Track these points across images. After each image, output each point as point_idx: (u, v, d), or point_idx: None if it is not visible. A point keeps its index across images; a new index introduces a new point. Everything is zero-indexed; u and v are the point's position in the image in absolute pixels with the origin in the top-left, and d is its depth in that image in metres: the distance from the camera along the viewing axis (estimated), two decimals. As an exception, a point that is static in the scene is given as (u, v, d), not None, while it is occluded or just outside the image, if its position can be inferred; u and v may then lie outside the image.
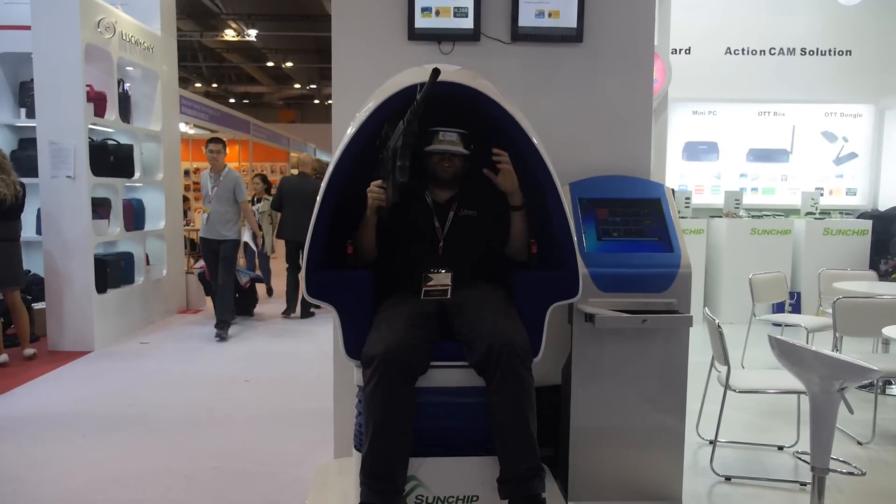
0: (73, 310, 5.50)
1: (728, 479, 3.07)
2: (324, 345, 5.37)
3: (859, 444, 3.51)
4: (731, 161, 7.56)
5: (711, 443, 3.21)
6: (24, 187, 5.01)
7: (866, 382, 3.92)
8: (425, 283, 2.22)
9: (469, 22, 2.84)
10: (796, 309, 6.52)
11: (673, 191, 2.92)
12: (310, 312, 6.91)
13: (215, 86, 21.80)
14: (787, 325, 4.93)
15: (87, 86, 5.59)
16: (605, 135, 2.92)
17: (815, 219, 7.05)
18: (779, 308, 5.70)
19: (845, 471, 3.15)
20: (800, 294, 6.75)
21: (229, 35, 16.33)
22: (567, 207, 2.15)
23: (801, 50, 7.50)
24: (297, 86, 22.59)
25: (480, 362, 2.02)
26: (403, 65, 2.53)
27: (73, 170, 5.43)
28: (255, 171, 12.70)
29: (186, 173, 8.70)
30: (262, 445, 3.48)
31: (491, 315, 2.10)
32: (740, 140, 7.54)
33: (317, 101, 24.43)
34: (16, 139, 6.05)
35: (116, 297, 5.94)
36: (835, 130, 7.55)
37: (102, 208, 5.90)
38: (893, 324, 3.46)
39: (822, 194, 7.41)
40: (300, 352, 5.54)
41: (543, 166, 2.12)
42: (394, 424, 1.99)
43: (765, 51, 7.50)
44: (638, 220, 2.72)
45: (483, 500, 2.11)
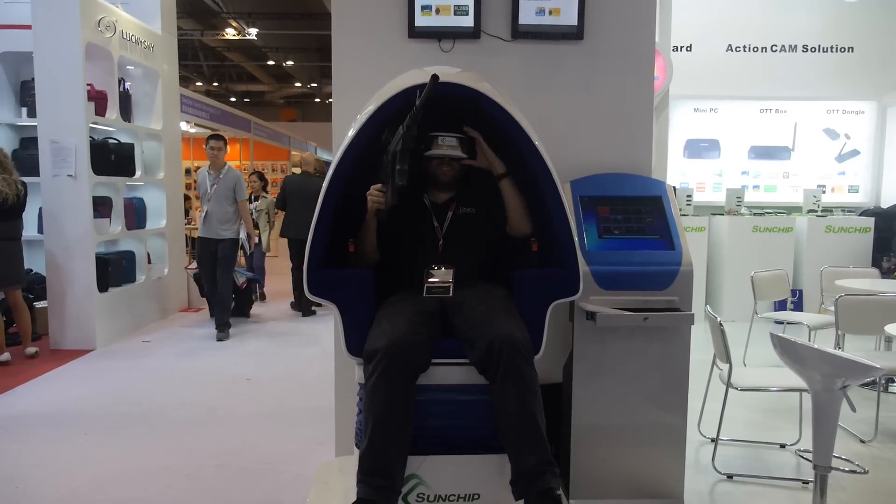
0: (74, 308, 5.51)
1: (730, 477, 3.07)
2: (325, 343, 5.37)
3: (862, 441, 3.51)
4: (733, 158, 7.55)
5: (713, 441, 3.21)
6: (25, 186, 5.01)
7: (869, 380, 3.92)
8: (427, 280, 2.22)
9: (469, 20, 2.83)
10: (798, 307, 6.52)
11: (674, 188, 2.92)
12: (311, 311, 6.91)
13: (216, 84, 21.82)
14: (788, 323, 4.92)
15: (88, 85, 5.60)
16: (606, 132, 2.91)
17: (817, 216, 7.03)
18: (781, 306, 5.69)
19: (848, 469, 3.15)
20: (802, 292, 6.74)
21: (230, 34, 16.33)
22: (567, 206, 2.14)
23: (803, 47, 7.48)
24: (298, 84, 22.61)
25: (482, 360, 2.01)
26: (404, 63, 2.53)
27: (74, 169, 5.44)
28: (255, 170, 12.63)
29: (187, 172, 8.65)
30: (263, 444, 3.48)
31: (491, 313, 2.09)
32: (742, 137, 7.52)
33: (318, 100, 24.44)
34: (17, 138, 6.05)
35: (118, 296, 5.95)
36: (837, 127, 7.54)
37: (104, 207, 5.91)
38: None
39: (825, 192, 7.40)
40: (301, 350, 5.54)
41: (544, 166, 2.12)
42: (394, 420, 1.97)
43: (766, 48, 7.49)
44: (639, 217, 2.71)
45: (484, 498, 2.10)
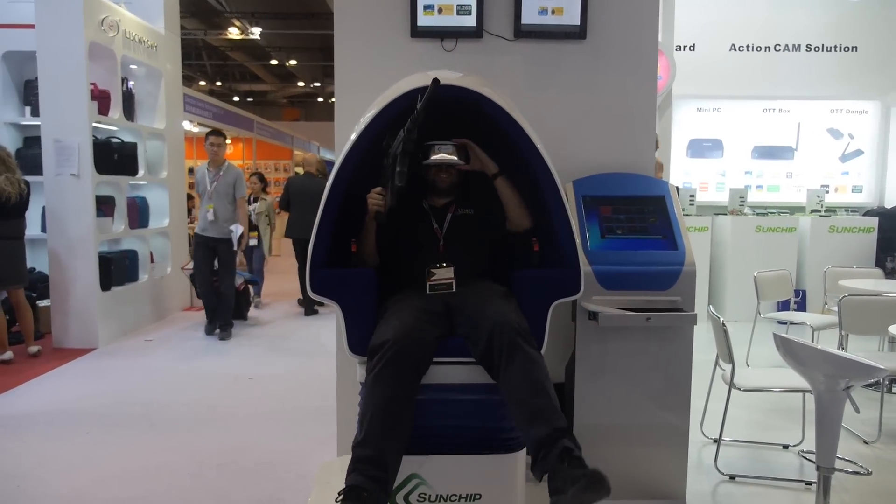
0: (77, 307, 5.52)
1: (732, 478, 3.06)
2: (327, 343, 5.37)
3: (865, 443, 3.50)
4: (736, 158, 7.54)
5: (716, 441, 3.20)
6: (28, 185, 5.02)
7: (872, 381, 3.90)
8: (429, 279, 2.26)
9: (472, 19, 2.83)
10: (801, 307, 6.49)
11: (677, 188, 2.91)
12: (314, 310, 6.91)
13: (219, 84, 21.84)
14: (792, 324, 4.90)
15: (91, 84, 5.60)
16: (608, 132, 2.91)
17: (821, 216, 7.01)
18: (784, 306, 5.68)
19: (851, 470, 3.13)
20: (805, 292, 6.72)
21: (233, 33, 16.34)
22: (569, 207, 2.14)
23: (807, 46, 7.46)
24: (301, 84, 22.62)
25: (484, 351, 2.01)
26: (406, 63, 2.53)
27: (77, 168, 5.44)
28: (259, 169, 12.61)
29: (190, 171, 8.61)
30: (265, 443, 3.48)
31: (488, 306, 2.11)
32: (745, 137, 7.51)
33: (321, 100, 24.44)
34: (21, 137, 6.06)
35: (120, 295, 5.96)
36: (840, 127, 7.52)
37: (107, 206, 5.91)
38: (899, 322, 3.44)
39: (828, 191, 7.38)
40: (303, 350, 5.54)
41: (545, 168, 2.12)
42: (395, 412, 1.94)
43: (769, 47, 7.47)
44: (642, 217, 2.71)
45: (486, 498, 2.10)
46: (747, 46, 7.47)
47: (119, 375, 4.78)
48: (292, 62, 19.38)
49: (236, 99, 22.49)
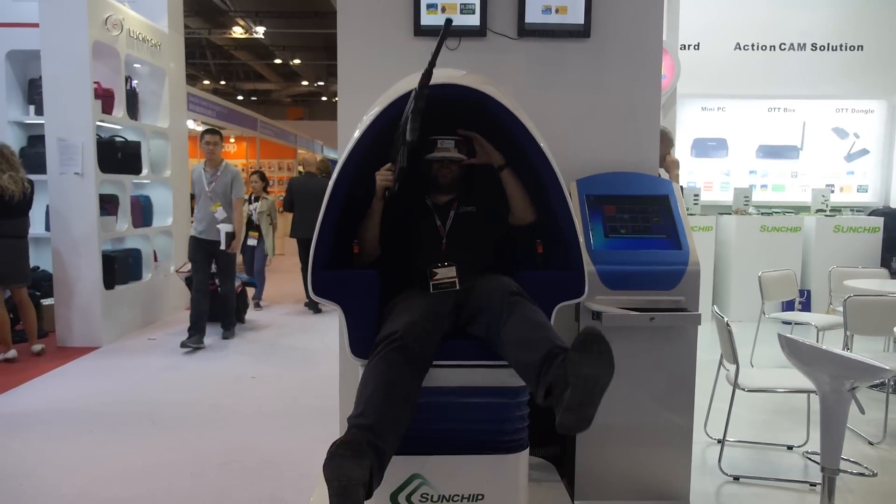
0: (81, 306, 5.53)
1: (736, 478, 3.05)
2: (330, 342, 5.37)
3: (870, 444, 3.48)
4: (741, 158, 7.51)
5: (720, 442, 3.19)
6: (32, 184, 5.03)
7: (877, 382, 3.88)
8: (432, 278, 2.25)
9: (476, 18, 2.82)
10: (806, 307, 6.47)
11: (682, 188, 2.90)
12: (319, 309, 6.91)
13: (223, 83, 21.87)
14: (796, 324, 4.88)
15: (95, 83, 5.61)
16: (612, 131, 2.89)
17: (826, 216, 6.98)
18: (788, 306, 5.65)
19: (856, 471, 3.12)
20: (810, 292, 6.69)
21: (237, 32, 16.37)
22: (573, 208, 2.13)
23: (812, 45, 7.43)
24: (305, 83, 22.64)
25: (489, 321, 2.01)
26: (409, 61, 2.52)
27: (80, 166, 5.45)
28: (262, 168, 12.55)
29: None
30: (267, 442, 3.48)
31: (490, 284, 2.13)
32: (750, 136, 7.48)
33: (324, 98, 24.46)
34: (25, 136, 6.08)
35: (124, 294, 5.97)
36: (846, 126, 7.49)
37: (110, 205, 5.92)
38: (905, 322, 3.43)
39: (833, 191, 7.35)
40: (306, 349, 5.54)
41: (549, 167, 2.11)
42: (395, 397, 1.86)
43: (775, 46, 7.44)
44: (646, 216, 2.69)
45: (488, 498, 2.09)
46: (752, 45, 7.43)
47: (122, 374, 4.78)
48: (296, 61, 19.40)
49: (240, 98, 22.53)
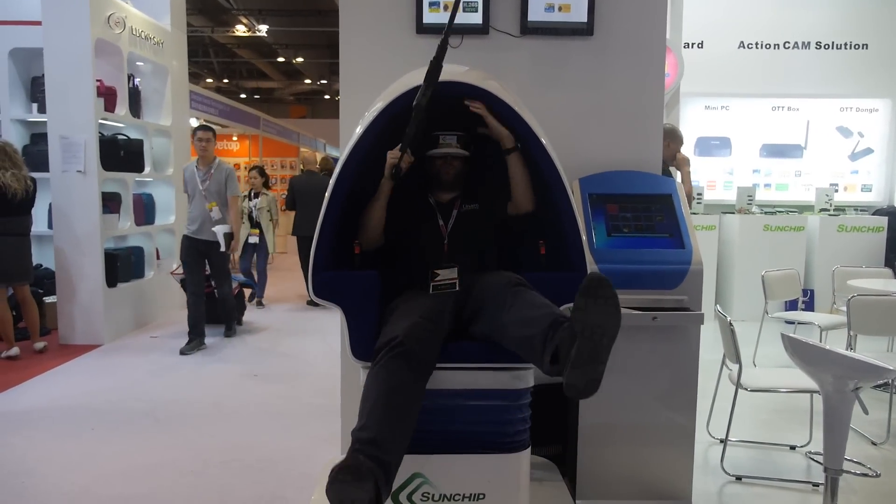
0: (83, 304, 5.54)
1: (739, 478, 3.04)
2: (332, 341, 5.37)
3: (874, 444, 3.47)
4: (744, 157, 7.49)
5: (722, 442, 3.18)
6: (34, 182, 5.03)
7: (881, 382, 3.87)
8: (433, 280, 2.24)
9: (478, 16, 2.81)
10: (809, 307, 6.46)
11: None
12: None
13: (226, 81, 21.88)
14: (800, 323, 4.87)
15: (98, 81, 5.62)
16: (615, 130, 2.88)
17: (830, 215, 6.96)
18: (792, 306, 5.64)
19: (859, 472, 3.11)
20: (813, 291, 6.68)
21: (240, 30, 16.36)
22: (577, 208, 2.12)
23: (816, 44, 7.40)
24: (308, 81, 22.64)
25: (492, 313, 2.01)
26: (411, 59, 2.51)
27: (83, 164, 5.45)
28: (255, 164, 12.46)
29: (197, 168, 8.63)
30: (268, 441, 3.48)
31: (492, 278, 2.13)
32: (753, 135, 7.46)
33: (327, 97, 24.45)
34: (28, 134, 6.09)
35: (126, 292, 5.97)
36: (850, 125, 7.46)
37: (113, 203, 5.93)
38: (909, 322, 3.41)
39: (837, 190, 7.33)
40: (308, 348, 5.54)
41: (552, 165, 2.10)
42: (399, 404, 1.85)
43: (779, 44, 7.41)
44: (649, 215, 2.68)
45: (489, 498, 2.08)
46: (756, 44, 7.41)
47: (124, 372, 4.79)
48: (299, 59, 19.40)
49: (243, 96, 22.53)
